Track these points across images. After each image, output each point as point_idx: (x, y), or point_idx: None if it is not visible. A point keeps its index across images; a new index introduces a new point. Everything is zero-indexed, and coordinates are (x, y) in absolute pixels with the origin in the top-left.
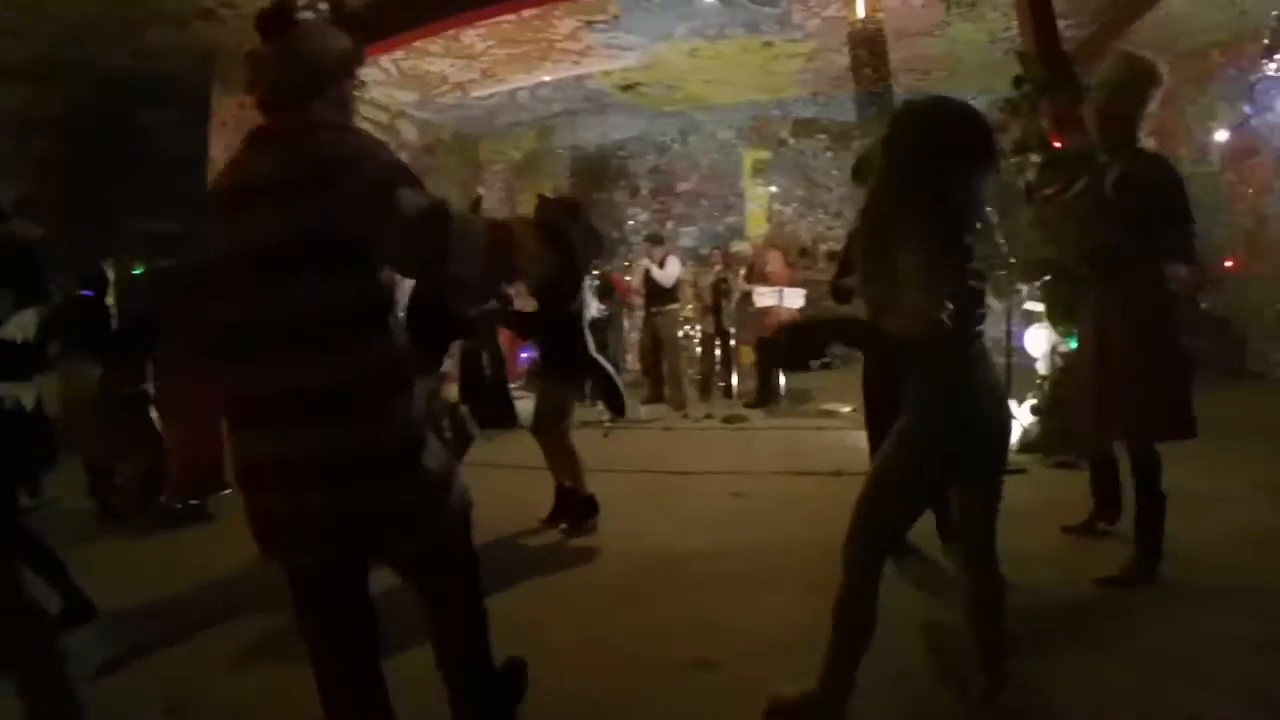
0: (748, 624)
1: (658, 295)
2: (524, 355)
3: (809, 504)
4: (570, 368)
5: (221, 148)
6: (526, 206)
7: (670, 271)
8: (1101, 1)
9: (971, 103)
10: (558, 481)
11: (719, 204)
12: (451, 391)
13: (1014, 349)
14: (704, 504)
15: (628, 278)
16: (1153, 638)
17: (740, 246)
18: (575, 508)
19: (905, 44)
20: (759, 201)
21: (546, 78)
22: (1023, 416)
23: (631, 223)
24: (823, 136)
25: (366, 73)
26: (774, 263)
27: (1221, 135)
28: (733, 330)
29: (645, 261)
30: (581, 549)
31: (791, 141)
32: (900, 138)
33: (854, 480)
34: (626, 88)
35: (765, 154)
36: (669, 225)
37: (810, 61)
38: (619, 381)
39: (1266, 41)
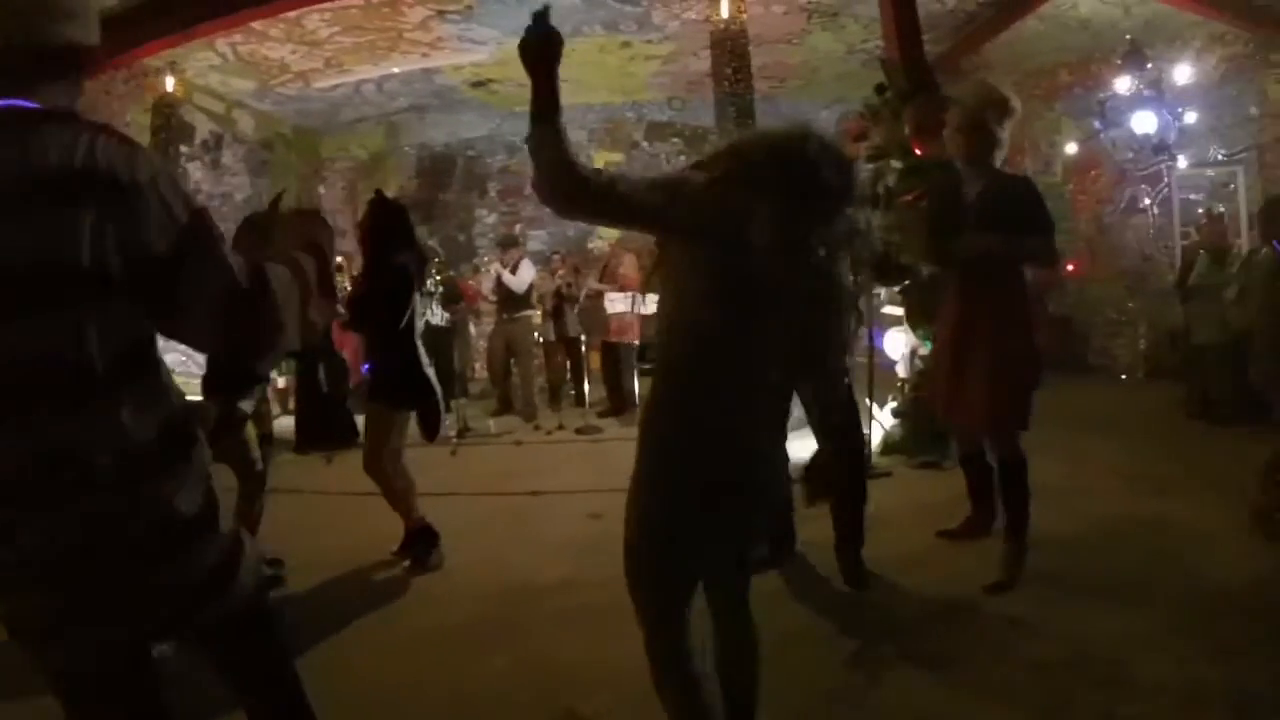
0: (620, 664)
1: (511, 301)
2: (366, 367)
3: None
4: (399, 388)
5: None
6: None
7: (524, 277)
8: (959, 19)
9: (825, 111)
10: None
11: None
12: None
13: (874, 351)
14: (562, 527)
15: (474, 281)
16: (1046, 640)
17: (596, 244)
18: (413, 541)
19: (764, 50)
20: None
21: (395, 69)
22: (884, 419)
23: (480, 225)
24: (676, 140)
25: (200, 56)
26: (628, 265)
27: (1071, 149)
28: (582, 336)
29: (496, 266)
30: (430, 585)
31: (645, 145)
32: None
33: None
34: (477, 84)
35: (618, 156)
36: (518, 228)
37: (667, 64)
38: (440, 403)
39: (1119, 61)
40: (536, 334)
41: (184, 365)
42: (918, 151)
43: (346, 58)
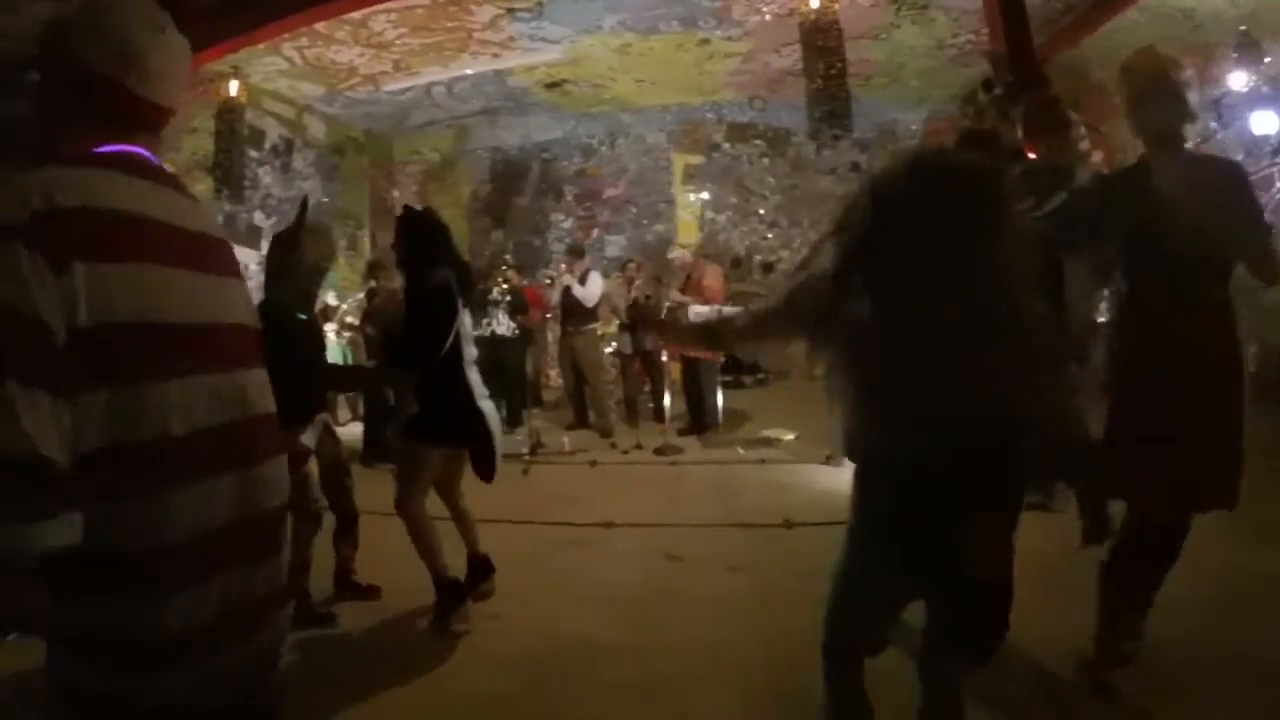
0: None
1: (577, 314)
2: None
3: (754, 573)
4: (439, 423)
5: None
6: (443, 210)
7: (593, 289)
8: (1053, 11)
9: (909, 113)
10: (468, 545)
11: (648, 211)
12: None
13: None
14: (633, 570)
15: (549, 290)
16: None
17: (676, 253)
18: (441, 595)
19: (847, 46)
20: (690, 209)
21: (466, 71)
22: None
23: (555, 229)
24: (758, 142)
25: (267, 60)
26: (711, 276)
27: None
28: (661, 350)
29: (566, 277)
30: (477, 638)
31: (725, 146)
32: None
33: (805, 533)
34: (551, 86)
35: (697, 159)
36: (595, 233)
37: (746, 62)
38: (495, 443)
39: (1235, 55)
40: (613, 345)
41: None
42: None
43: (415, 60)
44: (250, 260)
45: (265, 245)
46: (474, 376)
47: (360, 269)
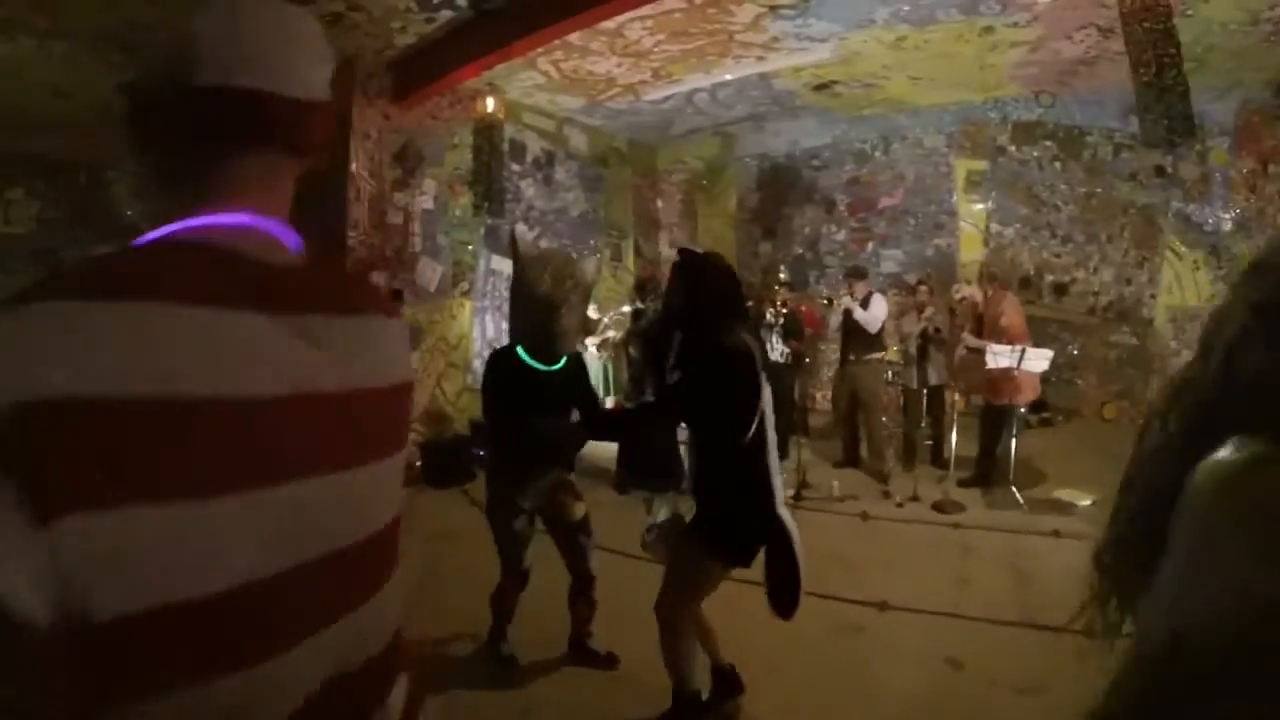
0: None
1: (859, 341)
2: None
3: (1050, 700)
4: (732, 534)
5: (364, 157)
6: (710, 220)
7: (876, 313)
8: None
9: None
10: (711, 656)
11: (927, 223)
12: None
13: None
14: (905, 673)
15: (827, 312)
16: None
17: (966, 290)
18: (675, 707)
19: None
20: (974, 220)
21: (728, 76)
22: None
23: (826, 241)
24: (1048, 144)
25: (524, 76)
26: (1011, 311)
27: None
28: (949, 385)
29: (847, 300)
30: None
31: (1011, 149)
32: None
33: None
34: (819, 87)
35: (981, 164)
36: (869, 246)
37: (1034, 51)
38: (801, 567)
39: None
40: (891, 375)
41: None
42: None
43: (675, 67)
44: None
45: None
46: (777, 475)
47: (625, 280)
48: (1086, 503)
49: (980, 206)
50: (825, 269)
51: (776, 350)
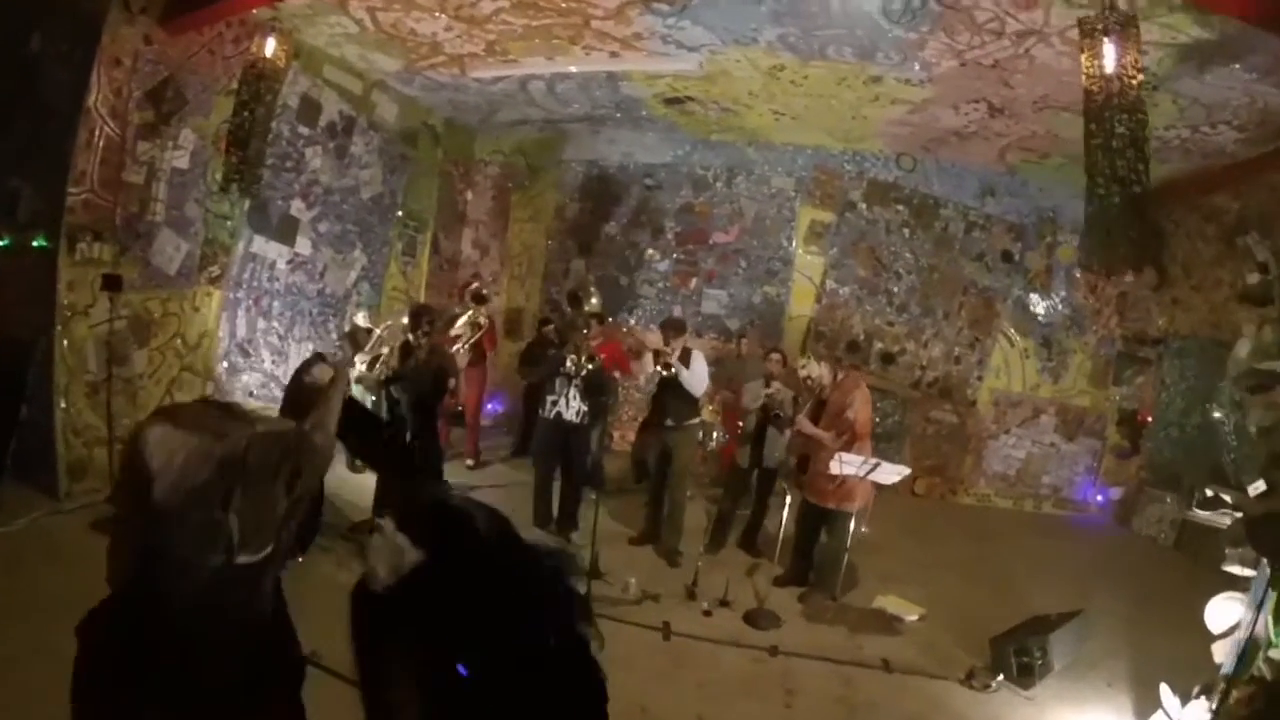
0: None
1: (678, 403)
2: None
3: None
4: None
5: (109, 89)
6: (522, 224)
7: (700, 374)
8: None
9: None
10: None
11: (759, 267)
12: None
13: None
14: None
15: (635, 362)
16: None
17: (812, 370)
18: None
19: (1040, 116)
20: (810, 273)
21: (572, 68)
22: None
23: (647, 269)
24: (901, 208)
25: (332, 20)
26: (861, 404)
27: None
28: (780, 467)
29: (664, 354)
30: None
31: (862, 207)
32: None
33: None
34: (672, 101)
35: (827, 216)
36: (693, 283)
37: (915, 113)
38: None
39: None
40: (712, 442)
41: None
42: None
43: (514, 45)
44: (280, 258)
45: (301, 241)
46: None
47: (415, 279)
48: (913, 617)
49: (819, 259)
50: (640, 299)
51: (571, 408)
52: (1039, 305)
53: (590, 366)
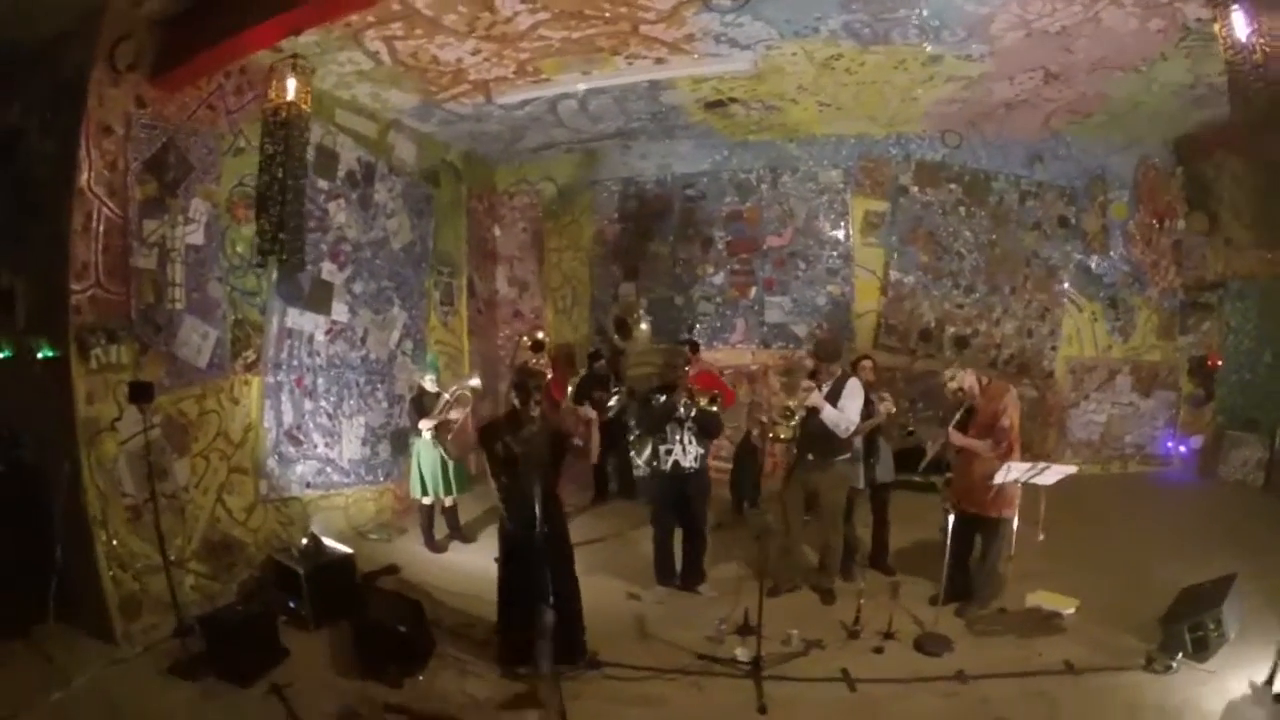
0: None
1: (823, 441)
2: None
3: None
4: None
5: (101, 164)
6: (560, 253)
7: (851, 413)
8: None
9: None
10: None
11: (819, 267)
12: None
13: None
14: None
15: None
16: None
17: (963, 381)
18: None
19: (1091, 79)
20: (871, 266)
21: (610, 81)
22: None
23: (703, 285)
24: (953, 187)
25: (343, 57)
26: (1013, 410)
27: None
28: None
29: (815, 397)
30: None
31: (914, 190)
32: None
33: None
34: (713, 105)
35: (881, 205)
36: (753, 292)
37: (968, 88)
38: None
39: None
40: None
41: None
42: None
43: (548, 63)
44: (317, 329)
45: (338, 307)
46: None
47: (458, 329)
48: (1070, 611)
49: (879, 250)
50: (700, 316)
51: (689, 455)
52: (1100, 266)
53: (714, 408)
